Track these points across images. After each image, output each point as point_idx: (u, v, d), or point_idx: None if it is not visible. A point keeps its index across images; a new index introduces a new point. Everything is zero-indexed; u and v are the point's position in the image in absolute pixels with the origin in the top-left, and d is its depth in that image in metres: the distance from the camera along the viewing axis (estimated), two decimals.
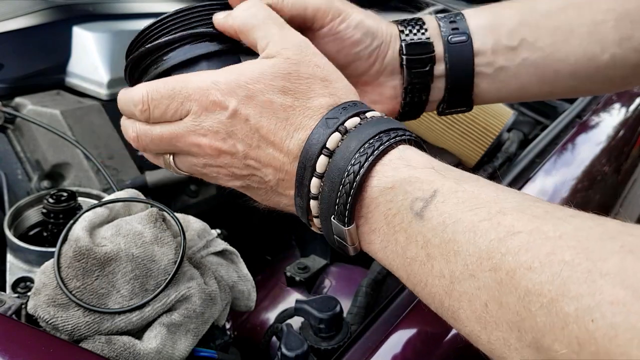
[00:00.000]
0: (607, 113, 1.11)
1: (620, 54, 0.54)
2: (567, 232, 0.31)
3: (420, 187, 0.38)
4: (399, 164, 0.40)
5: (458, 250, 0.34)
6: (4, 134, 0.82)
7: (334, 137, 0.41)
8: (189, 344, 0.54)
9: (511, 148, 0.96)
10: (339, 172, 0.40)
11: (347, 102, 0.44)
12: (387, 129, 0.41)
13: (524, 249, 0.31)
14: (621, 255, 0.28)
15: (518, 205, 0.34)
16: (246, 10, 0.48)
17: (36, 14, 0.93)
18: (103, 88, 0.91)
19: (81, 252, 0.51)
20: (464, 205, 0.35)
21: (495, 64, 0.55)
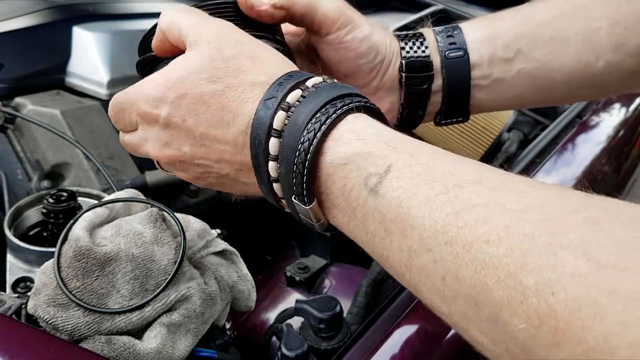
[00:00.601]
0: (607, 113, 1.11)
1: (615, 60, 0.54)
2: (528, 204, 0.30)
3: (373, 162, 0.37)
4: (350, 137, 0.38)
5: (414, 224, 0.33)
6: (4, 134, 0.82)
7: (279, 117, 0.40)
8: (189, 344, 0.54)
9: (511, 148, 0.96)
10: (291, 151, 0.39)
11: (282, 76, 0.42)
12: (333, 97, 0.39)
13: (481, 221, 0.30)
14: (584, 227, 0.28)
15: (476, 177, 0.33)
16: (167, 14, 0.47)
17: (36, 14, 0.93)
18: (103, 88, 0.91)
19: (81, 252, 0.51)
20: (420, 179, 0.34)
21: (491, 76, 0.55)
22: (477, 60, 0.55)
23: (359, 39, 0.53)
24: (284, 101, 0.40)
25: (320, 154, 0.39)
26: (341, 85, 0.41)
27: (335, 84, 0.41)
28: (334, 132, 0.39)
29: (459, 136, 0.91)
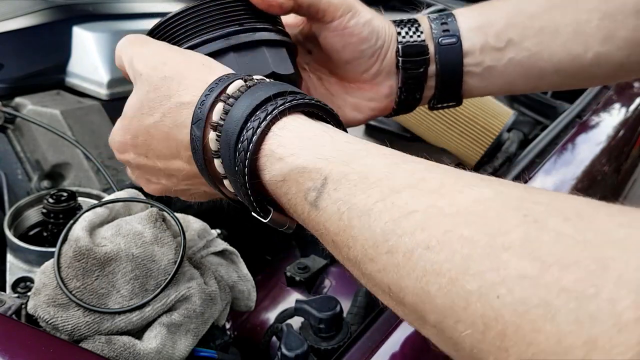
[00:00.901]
0: (607, 113, 1.11)
1: (603, 52, 0.55)
2: (465, 205, 0.29)
3: (309, 176, 0.36)
4: (282, 153, 0.37)
5: (355, 235, 0.33)
6: (4, 134, 0.82)
7: (212, 137, 0.40)
8: (189, 344, 0.54)
9: (511, 148, 0.96)
10: (231, 172, 0.39)
11: (206, 89, 0.41)
12: (256, 105, 0.38)
13: (420, 228, 0.30)
14: (525, 225, 0.27)
15: (412, 180, 0.33)
16: (117, 50, 0.49)
17: (36, 14, 0.93)
18: (103, 88, 0.91)
19: (81, 252, 0.51)
20: (356, 188, 0.34)
21: (483, 64, 0.57)
22: (469, 47, 0.56)
23: (361, 24, 0.54)
24: (210, 119, 0.40)
25: (258, 172, 0.39)
26: (267, 85, 0.40)
27: (257, 86, 0.40)
28: (264, 148, 0.38)
29: (459, 136, 0.91)
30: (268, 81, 0.41)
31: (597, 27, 0.54)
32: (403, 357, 0.53)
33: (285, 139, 0.38)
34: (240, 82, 0.40)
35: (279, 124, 0.38)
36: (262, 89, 0.39)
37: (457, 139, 0.91)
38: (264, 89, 0.39)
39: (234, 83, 0.40)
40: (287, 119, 0.39)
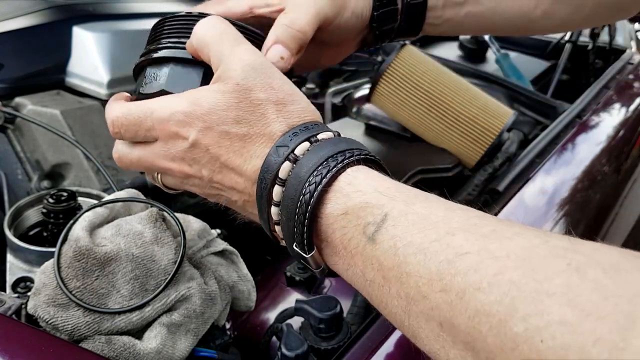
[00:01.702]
0: (607, 113, 1.11)
1: (551, 9, 0.62)
2: (514, 251, 0.31)
3: (371, 211, 0.38)
4: (349, 190, 0.40)
5: (410, 272, 0.35)
6: (4, 134, 0.82)
7: (285, 167, 0.41)
8: (189, 344, 0.54)
9: (511, 148, 0.96)
10: (292, 201, 0.41)
11: (300, 126, 0.43)
12: (336, 152, 0.41)
13: (473, 269, 0.31)
14: (567, 273, 0.28)
15: (466, 224, 0.35)
16: (201, 29, 0.48)
17: (36, 14, 0.93)
18: (103, 88, 0.91)
19: (81, 252, 0.51)
20: (414, 228, 0.36)
21: (443, 17, 0.62)
22: (433, 4, 0.61)
23: (348, 17, 0.57)
24: (293, 152, 0.42)
25: (321, 205, 0.40)
26: (345, 140, 0.43)
27: (340, 139, 0.43)
28: (335, 185, 0.40)
29: (460, 136, 0.91)
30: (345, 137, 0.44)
31: None
32: (403, 357, 0.53)
33: (354, 178, 0.40)
34: (329, 133, 0.43)
35: (350, 169, 0.41)
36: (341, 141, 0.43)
37: (457, 139, 0.91)
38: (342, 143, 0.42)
39: (324, 133, 0.43)
40: (357, 166, 0.42)
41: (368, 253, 0.38)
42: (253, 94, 0.44)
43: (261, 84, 0.44)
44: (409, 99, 0.92)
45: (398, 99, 0.93)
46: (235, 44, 0.46)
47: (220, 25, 0.48)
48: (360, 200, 0.39)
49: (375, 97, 0.96)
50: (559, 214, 0.83)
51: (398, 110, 0.94)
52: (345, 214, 0.39)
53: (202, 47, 0.47)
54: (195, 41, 0.48)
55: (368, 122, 0.98)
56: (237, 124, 0.44)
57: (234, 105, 0.44)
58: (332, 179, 0.40)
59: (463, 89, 0.93)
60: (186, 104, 0.45)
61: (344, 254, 0.40)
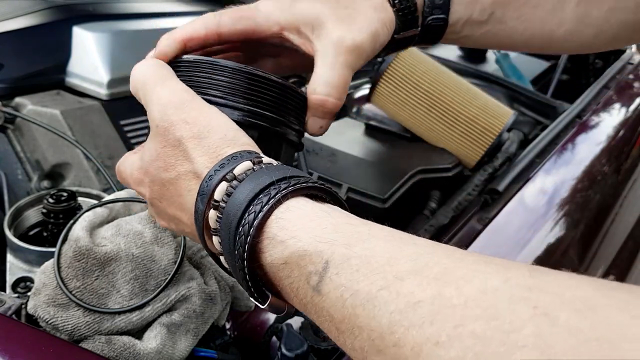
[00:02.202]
0: (607, 113, 1.11)
1: (575, 29, 0.58)
2: (473, 296, 0.28)
3: (310, 259, 0.35)
4: (284, 236, 0.36)
5: (360, 325, 0.32)
6: (4, 134, 0.82)
7: (211, 216, 0.40)
8: (189, 344, 0.54)
9: (511, 148, 0.96)
10: (230, 256, 0.39)
11: (217, 164, 0.41)
12: (259, 190, 0.38)
13: (428, 321, 0.28)
14: (535, 320, 0.26)
15: (415, 265, 0.31)
16: (133, 73, 0.47)
17: (36, 14, 0.93)
18: (103, 88, 0.91)
19: (81, 252, 0.51)
20: (359, 274, 0.33)
21: (461, 33, 0.59)
22: (454, 21, 0.57)
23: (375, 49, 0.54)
24: (213, 198, 0.40)
25: (259, 256, 0.38)
26: (273, 169, 0.39)
27: (264, 168, 0.40)
28: (266, 231, 0.37)
29: (459, 136, 0.91)
30: (275, 164, 0.41)
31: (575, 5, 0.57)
32: None
33: (287, 222, 0.37)
34: (248, 164, 0.40)
35: (281, 207, 0.38)
36: (266, 172, 0.39)
37: (457, 139, 0.91)
38: (269, 173, 0.39)
39: (242, 164, 0.40)
40: (289, 202, 0.38)
41: (317, 304, 0.35)
42: (171, 135, 0.43)
43: (177, 121, 0.43)
44: (409, 99, 0.92)
45: (398, 99, 0.93)
46: (156, 84, 0.45)
47: (147, 67, 0.46)
48: (297, 247, 0.36)
49: (375, 97, 0.96)
50: (558, 214, 0.83)
51: (398, 110, 0.94)
52: (286, 263, 0.36)
53: (136, 93, 0.47)
54: (132, 88, 0.47)
55: (368, 122, 0.98)
56: (166, 171, 0.43)
57: (160, 151, 0.43)
58: (261, 226, 0.37)
59: (463, 89, 0.93)
60: (137, 161, 0.47)
61: (297, 301, 0.37)
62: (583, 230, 0.88)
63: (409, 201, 0.80)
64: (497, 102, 0.95)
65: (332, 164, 0.82)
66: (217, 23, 0.49)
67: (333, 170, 0.81)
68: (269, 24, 0.50)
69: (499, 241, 0.74)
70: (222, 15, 0.50)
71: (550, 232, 0.79)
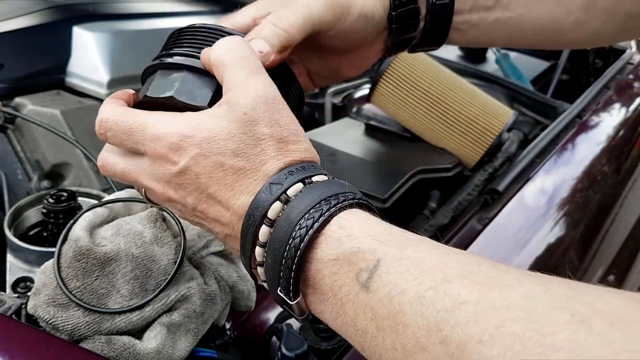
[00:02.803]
0: (607, 113, 1.12)
1: (583, 19, 0.59)
2: (515, 301, 0.30)
3: (363, 257, 0.36)
4: (341, 234, 0.38)
5: (407, 322, 0.33)
6: (4, 134, 0.82)
7: (275, 207, 0.40)
8: (189, 344, 0.54)
9: (511, 148, 0.96)
10: (281, 244, 0.39)
11: (297, 166, 0.42)
12: (329, 195, 0.40)
13: (473, 320, 0.30)
14: (572, 326, 0.27)
15: (462, 270, 0.33)
16: (222, 47, 0.46)
17: (36, 14, 0.93)
18: (103, 88, 0.91)
19: (81, 252, 0.51)
20: (408, 274, 0.34)
21: (470, 22, 0.59)
22: (460, 7, 0.58)
23: (354, 20, 0.54)
24: (285, 193, 0.40)
25: (311, 249, 0.39)
26: (338, 183, 0.42)
27: (333, 181, 0.42)
28: (326, 229, 0.39)
29: (459, 136, 0.91)
30: (339, 180, 0.42)
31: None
32: None
33: (347, 222, 0.39)
34: (324, 176, 0.42)
35: (345, 211, 0.40)
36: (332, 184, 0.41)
37: (457, 139, 0.91)
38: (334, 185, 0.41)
39: (320, 175, 0.42)
40: (348, 209, 0.40)
41: (361, 301, 0.36)
42: (258, 127, 0.42)
43: (268, 119, 0.43)
44: (409, 99, 0.92)
45: (398, 98, 0.93)
46: (253, 72, 0.44)
47: (242, 49, 0.46)
48: (352, 245, 0.37)
49: (375, 97, 0.96)
50: (558, 214, 0.83)
51: (398, 110, 0.94)
52: (337, 259, 0.37)
53: (218, 66, 0.45)
54: (213, 58, 0.46)
55: (368, 122, 0.98)
56: (235, 156, 0.42)
57: (237, 135, 0.42)
58: (324, 223, 0.38)
59: (463, 89, 0.93)
60: (184, 127, 0.43)
61: (333, 301, 0.38)
62: (583, 230, 0.88)
63: (409, 201, 0.80)
64: (497, 102, 0.96)
65: (332, 164, 0.83)
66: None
67: (333, 170, 0.81)
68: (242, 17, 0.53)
69: (499, 241, 0.74)
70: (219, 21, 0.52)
71: (550, 232, 0.79)
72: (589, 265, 0.96)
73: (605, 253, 1.07)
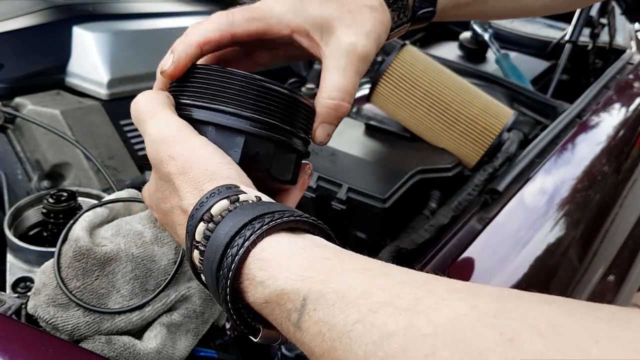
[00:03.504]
0: (607, 113, 1.12)
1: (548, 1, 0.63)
2: (441, 324, 0.29)
3: (289, 298, 0.36)
4: (262, 276, 0.37)
5: (339, 358, 0.33)
6: (4, 134, 0.82)
7: (196, 255, 0.40)
8: (189, 344, 0.54)
9: (511, 148, 0.96)
10: (216, 295, 0.39)
11: (197, 203, 0.41)
12: (235, 232, 0.38)
13: (401, 351, 0.30)
14: (502, 346, 0.27)
15: (388, 296, 0.33)
16: (132, 106, 0.47)
17: (36, 14, 0.94)
18: (103, 88, 0.91)
19: (81, 252, 0.51)
20: (335, 308, 0.34)
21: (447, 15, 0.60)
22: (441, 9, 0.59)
23: None
24: (194, 239, 0.40)
25: (242, 294, 0.38)
26: (248, 207, 0.39)
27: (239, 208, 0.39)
28: (245, 273, 0.38)
29: (459, 136, 0.91)
30: (252, 201, 0.40)
31: None
32: None
33: (264, 262, 0.38)
34: (225, 203, 0.40)
35: (258, 247, 0.38)
36: (242, 212, 0.39)
37: (457, 139, 0.91)
38: (244, 212, 0.39)
39: (219, 204, 0.40)
40: (266, 240, 0.38)
41: (299, 339, 0.36)
42: (162, 169, 0.44)
43: (165, 157, 0.43)
44: (409, 99, 0.92)
45: (398, 98, 0.93)
46: (146, 119, 0.46)
47: (141, 101, 0.47)
48: (275, 287, 0.36)
49: (375, 97, 0.96)
50: (558, 214, 0.83)
51: (398, 110, 0.94)
52: (267, 302, 0.37)
53: (135, 123, 0.48)
54: (132, 117, 0.48)
55: (368, 122, 0.98)
56: (163, 202, 0.45)
57: (158, 183, 0.45)
58: (239, 267, 0.37)
59: (463, 90, 0.93)
60: (145, 191, 0.49)
61: (285, 337, 0.38)
62: (583, 230, 0.88)
63: (409, 201, 0.80)
64: (497, 102, 0.95)
65: (332, 164, 0.83)
66: (231, 24, 0.49)
67: (333, 170, 0.81)
68: (280, 27, 0.50)
69: (498, 241, 0.74)
70: (235, 15, 0.49)
71: (550, 232, 0.79)
72: (589, 265, 0.96)
73: (605, 253, 1.07)
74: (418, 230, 0.75)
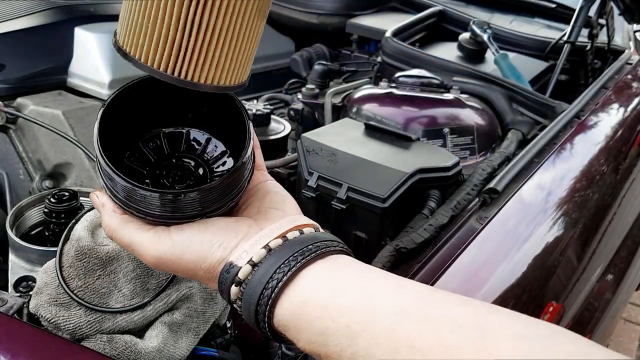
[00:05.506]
0: (606, 113, 1.12)
1: None
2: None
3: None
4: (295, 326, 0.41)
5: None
6: (5, 134, 0.83)
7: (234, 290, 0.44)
8: (190, 343, 0.54)
9: (510, 148, 0.97)
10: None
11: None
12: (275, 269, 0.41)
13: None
14: None
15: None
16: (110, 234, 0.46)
17: (38, 15, 0.94)
18: (104, 88, 0.92)
19: (83, 251, 0.51)
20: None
21: None
22: None
23: None
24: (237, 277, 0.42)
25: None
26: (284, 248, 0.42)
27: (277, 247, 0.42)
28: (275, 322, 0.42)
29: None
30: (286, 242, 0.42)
31: None
32: None
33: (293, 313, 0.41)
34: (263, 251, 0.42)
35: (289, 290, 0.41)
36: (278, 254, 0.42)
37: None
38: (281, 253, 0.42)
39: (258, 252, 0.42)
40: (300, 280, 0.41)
41: None
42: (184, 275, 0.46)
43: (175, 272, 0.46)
44: None
45: None
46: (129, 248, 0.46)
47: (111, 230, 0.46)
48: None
49: None
50: (557, 214, 0.84)
51: None
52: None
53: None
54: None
55: (368, 122, 0.99)
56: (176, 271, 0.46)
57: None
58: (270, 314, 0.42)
59: None
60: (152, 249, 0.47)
61: None
62: (582, 229, 0.89)
63: (408, 201, 0.80)
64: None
65: (332, 164, 0.83)
66: None
67: (333, 170, 0.81)
68: None
69: (497, 240, 0.75)
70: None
71: (548, 231, 0.80)
72: (587, 264, 0.96)
73: (603, 252, 1.07)
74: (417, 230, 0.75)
